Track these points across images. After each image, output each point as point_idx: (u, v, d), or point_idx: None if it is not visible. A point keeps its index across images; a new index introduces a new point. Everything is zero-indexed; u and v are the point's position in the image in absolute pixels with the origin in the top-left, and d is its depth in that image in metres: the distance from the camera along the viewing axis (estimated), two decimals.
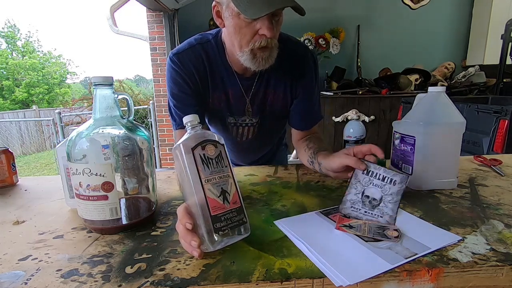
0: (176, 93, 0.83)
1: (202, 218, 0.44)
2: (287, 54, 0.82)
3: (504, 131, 1.76)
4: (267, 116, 0.91)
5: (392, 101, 3.03)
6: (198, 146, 0.46)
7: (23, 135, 7.44)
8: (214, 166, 0.47)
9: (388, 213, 0.55)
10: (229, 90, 0.85)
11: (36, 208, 0.67)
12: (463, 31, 3.58)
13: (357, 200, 0.57)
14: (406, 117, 0.73)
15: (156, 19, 3.54)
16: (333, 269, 0.41)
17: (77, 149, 0.51)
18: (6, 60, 14.67)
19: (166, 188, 0.77)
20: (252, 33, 0.69)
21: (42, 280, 0.41)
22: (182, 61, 0.81)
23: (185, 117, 0.50)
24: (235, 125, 0.93)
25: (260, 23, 0.67)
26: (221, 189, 0.46)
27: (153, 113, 3.91)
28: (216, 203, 0.45)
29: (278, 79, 0.85)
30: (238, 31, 0.70)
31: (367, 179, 0.59)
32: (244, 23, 0.68)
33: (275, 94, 0.87)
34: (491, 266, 0.41)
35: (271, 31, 0.67)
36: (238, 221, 0.47)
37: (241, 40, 0.71)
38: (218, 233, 0.44)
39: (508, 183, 0.73)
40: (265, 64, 0.73)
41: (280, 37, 0.81)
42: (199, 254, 0.43)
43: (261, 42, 0.69)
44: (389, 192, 0.56)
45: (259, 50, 0.71)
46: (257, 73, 0.83)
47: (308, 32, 3.23)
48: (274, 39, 0.71)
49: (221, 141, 0.49)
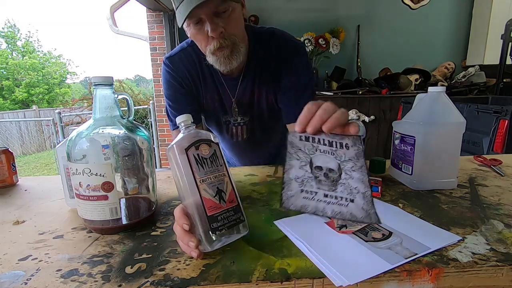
0: (171, 94, 0.86)
1: (199, 218, 0.44)
2: (271, 50, 0.82)
3: (504, 131, 1.76)
4: (256, 115, 0.91)
5: (392, 101, 3.02)
6: (191, 146, 0.46)
7: (23, 135, 7.44)
8: (208, 165, 0.46)
9: (359, 189, 0.39)
10: (220, 90, 0.86)
11: (36, 208, 0.67)
12: (463, 31, 3.57)
13: (306, 177, 0.41)
14: (406, 117, 0.73)
15: (156, 19, 3.55)
16: (333, 269, 0.41)
17: (77, 149, 0.51)
18: (6, 60, 14.66)
19: (166, 188, 0.77)
20: (204, 37, 0.70)
21: (42, 280, 0.41)
22: (174, 64, 0.83)
23: (178, 117, 0.49)
24: (229, 124, 0.93)
25: (205, 26, 0.68)
26: (216, 189, 0.46)
27: (153, 113, 3.91)
28: (212, 203, 0.45)
29: (263, 77, 0.84)
30: (195, 39, 0.73)
31: (309, 146, 0.45)
32: (195, 30, 0.69)
33: (260, 92, 0.87)
34: (491, 266, 0.41)
35: (215, 30, 0.67)
36: (236, 220, 0.47)
37: (201, 46, 0.73)
38: (215, 233, 0.44)
39: (508, 183, 0.73)
40: (231, 62, 0.73)
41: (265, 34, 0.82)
42: (197, 255, 0.43)
43: (214, 44, 0.70)
44: (345, 157, 0.42)
45: (217, 51, 0.71)
46: (241, 73, 0.83)
47: (308, 32, 3.23)
48: (231, 36, 0.70)
49: (215, 140, 0.49)
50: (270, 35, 0.83)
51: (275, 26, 0.86)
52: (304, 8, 3.39)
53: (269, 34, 0.83)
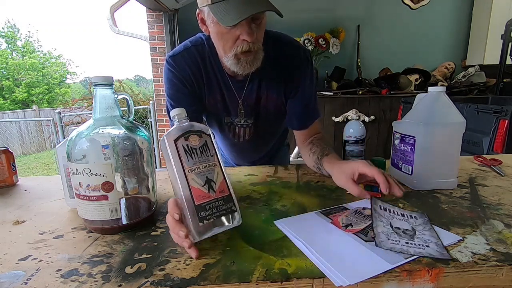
0: (173, 93, 0.85)
1: (187, 207, 0.45)
2: (279, 54, 0.82)
3: (504, 131, 1.76)
4: (262, 117, 0.91)
5: (392, 101, 3.02)
6: (180, 137, 0.47)
7: (23, 135, 7.43)
8: (198, 156, 0.47)
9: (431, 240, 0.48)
10: (224, 91, 0.86)
11: (36, 208, 0.67)
12: (463, 31, 3.57)
13: (390, 232, 0.50)
14: (406, 117, 0.73)
15: (156, 19, 3.54)
16: (333, 269, 0.41)
17: (77, 149, 0.51)
18: (6, 60, 14.66)
19: (166, 188, 0.77)
20: (233, 39, 0.70)
21: (42, 280, 0.41)
22: (177, 63, 0.82)
23: (172, 111, 0.50)
24: (231, 125, 0.93)
25: (240, 29, 0.68)
26: (206, 178, 0.46)
27: (153, 113, 3.91)
28: (200, 192, 0.45)
29: (270, 80, 0.85)
30: (221, 38, 0.72)
31: (387, 214, 0.55)
32: (225, 29, 0.69)
33: (268, 95, 0.87)
34: (491, 266, 0.41)
35: (251, 36, 0.68)
36: (226, 209, 0.47)
37: (224, 46, 0.72)
38: (202, 222, 0.44)
39: (508, 183, 0.73)
40: (251, 68, 0.74)
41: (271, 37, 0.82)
42: (189, 245, 0.44)
43: (242, 47, 0.70)
44: (416, 224, 0.53)
45: (242, 55, 0.71)
46: (248, 75, 0.83)
47: (308, 32, 3.23)
48: (258, 42, 0.72)
49: (207, 131, 0.49)
50: (276, 38, 0.83)
51: (275, 26, 0.87)
52: (304, 8, 3.39)
53: (275, 38, 0.83)
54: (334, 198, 0.67)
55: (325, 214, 0.58)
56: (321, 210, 0.60)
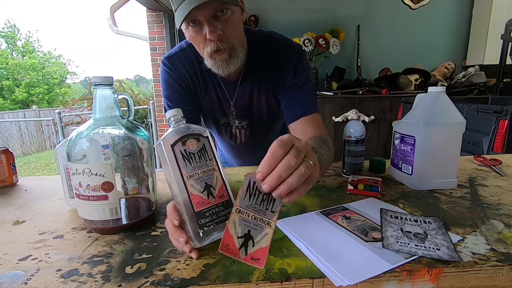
0: (170, 94, 0.85)
1: (187, 214, 0.44)
2: (271, 54, 0.81)
3: (504, 131, 1.76)
4: (256, 118, 0.91)
5: (392, 101, 3.02)
6: (178, 142, 0.45)
7: (23, 135, 7.44)
8: (196, 161, 0.45)
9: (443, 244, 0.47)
10: (219, 92, 0.86)
11: (36, 208, 0.67)
12: (463, 31, 3.57)
13: (400, 236, 0.50)
14: (406, 117, 0.73)
15: (156, 19, 3.55)
16: (333, 269, 0.41)
17: (77, 149, 0.50)
18: (6, 60, 14.66)
19: (166, 188, 0.77)
20: (202, 40, 0.69)
21: (42, 280, 0.41)
22: (173, 64, 0.83)
23: (167, 111, 0.48)
24: (228, 126, 0.93)
25: (204, 28, 0.67)
26: (205, 184, 0.45)
27: (153, 113, 3.91)
28: (200, 199, 0.44)
29: (261, 81, 0.84)
30: (193, 41, 0.72)
31: (398, 221, 0.54)
32: (193, 32, 0.69)
33: (260, 96, 0.86)
34: (491, 266, 0.41)
35: (213, 33, 0.67)
36: (226, 215, 0.46)
37: (198, 49, 0.72)
38: (202, 229, 0.44)
39: (508, 183, 0.73)
40: (229, 66, 0.72)
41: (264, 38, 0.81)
42: (189, 250, 0.43)
43: (211, 46, 0.69)
44: (429, 228, 0.52)
45: (215, 54, 0.70)
46: (239, 76, 0.82)
47: (308, 32, 3.22)
48: (228, 40, 0.70)
49: (204, 133, 0.48)
50: (268, 39, 0.82)
51: (275, 26, 0.87)
52: (304, 8, 3.39)
53: (267, 38, 0.82)
54: (334, 198, 0.66)
55: (325, 214, 0.58)
56: (321, 210, 0.60)
